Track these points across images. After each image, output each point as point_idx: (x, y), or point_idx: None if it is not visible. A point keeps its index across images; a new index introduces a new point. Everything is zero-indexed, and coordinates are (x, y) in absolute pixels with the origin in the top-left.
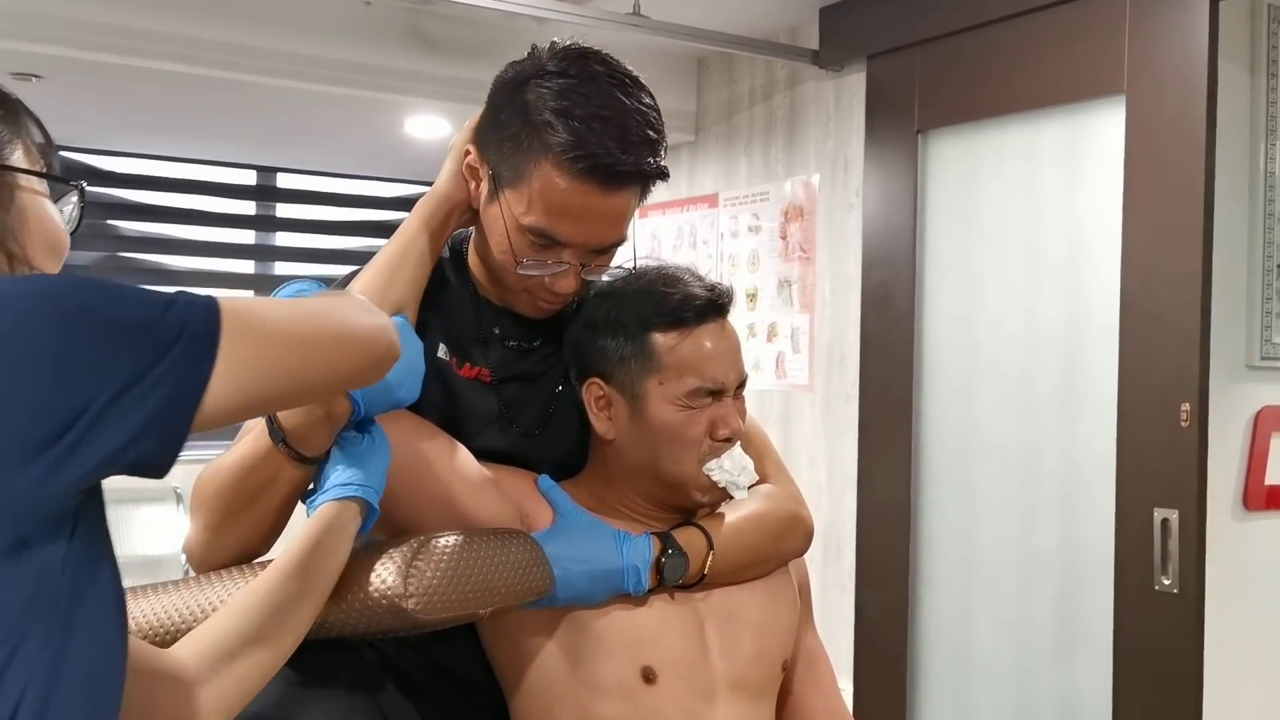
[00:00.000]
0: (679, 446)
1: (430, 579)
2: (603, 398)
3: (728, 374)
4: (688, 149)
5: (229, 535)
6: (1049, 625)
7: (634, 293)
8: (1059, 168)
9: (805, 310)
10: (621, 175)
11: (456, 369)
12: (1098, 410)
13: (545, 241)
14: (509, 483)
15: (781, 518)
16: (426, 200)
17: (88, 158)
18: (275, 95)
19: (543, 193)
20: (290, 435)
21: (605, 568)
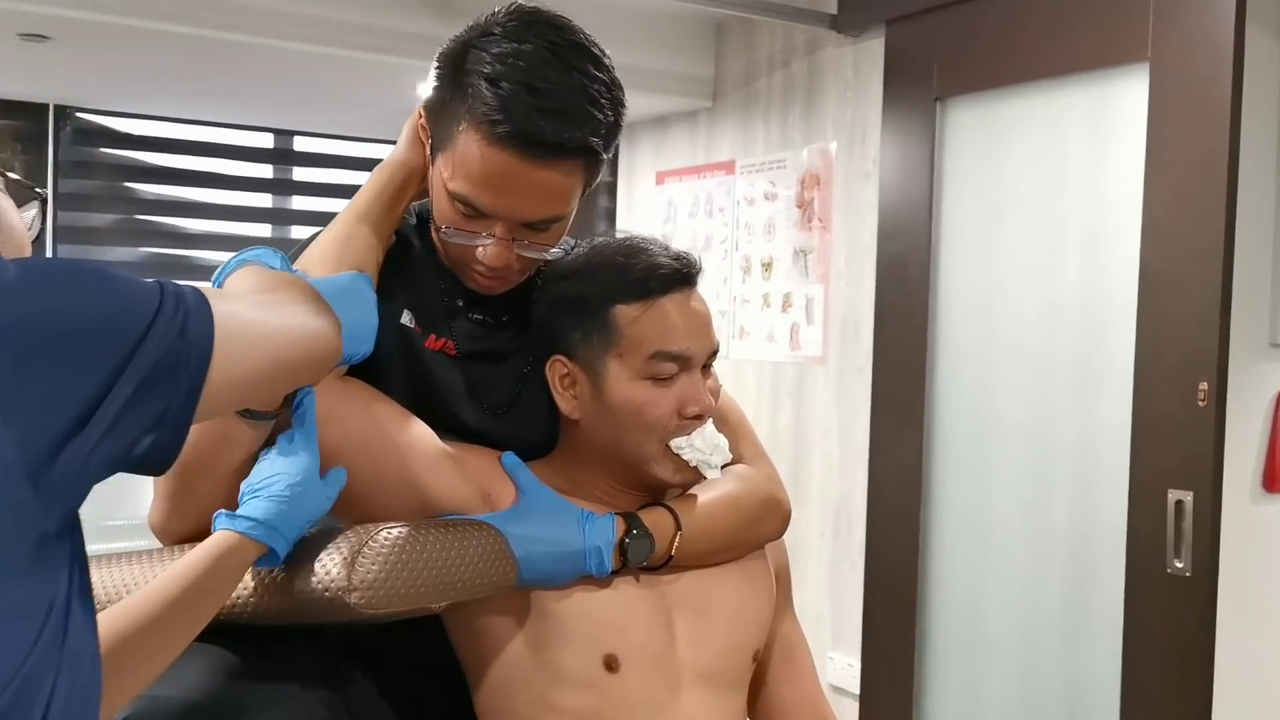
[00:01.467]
0: (644, 425)
1: (376, 572)
2: (566, 376)
3: (692, 344)
4: (705, 115)
5: (189, 503)
6: (1059, 605)
7: (596, 266)
8: (1080, 137)
9: (820, 281)
10: (542, 147)
11: (423, 339)
12: (1114, 387)
13: (470, 211)
14: (472, 461)
15: (757, 500)
16: (383, 165)
17: (104, 119)
18: (289, 58)
19: (464, 159)
20: None
21: (567, 549)
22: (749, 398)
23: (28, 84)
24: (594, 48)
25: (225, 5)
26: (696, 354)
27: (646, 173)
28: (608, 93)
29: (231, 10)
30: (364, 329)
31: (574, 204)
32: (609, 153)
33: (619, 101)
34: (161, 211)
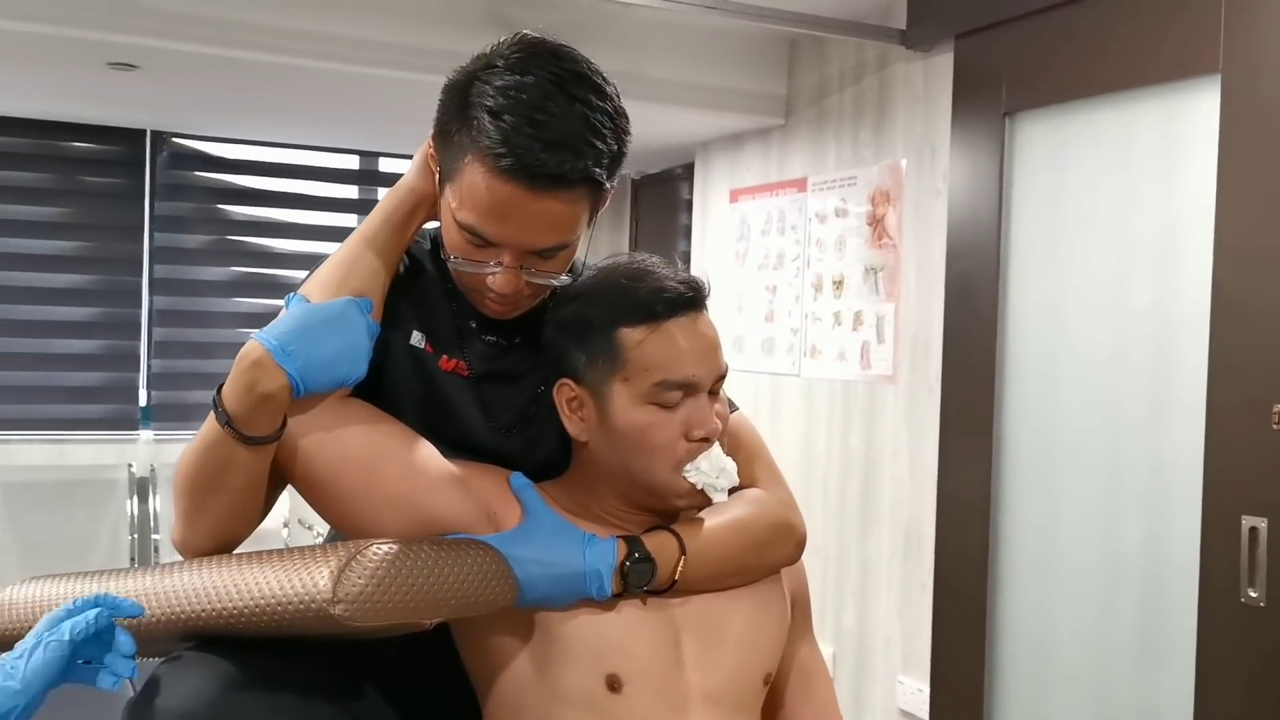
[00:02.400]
0: (650, 449)
1: (361, 585)
2: (574, 399)
3: (698, 369)
4: (778, 133)
5: (201, 521)
6: (1130, 632)
7: (602, 289)
8: (1151, 151)
9: (891, 299)
10: (544, 179)
11: (436, 359)
12: (1186, 409)
13: (478, 240)
14: (478, 480)
15: (768, 524)
16: (392, 192)
17: (197, 143)
18: (369, 83)
19: (470, 190)
20: (233, 418)
21: (567, 571)
22: (820, 416)
23: (124, 110)
24: (596, 77)
25: (307, 34)
26: (703, 379)
27: (721, 190)
28: (610, 122)
29: (313, 38)
30: (353, 352)
31: (580, 231)
32: (613, 180)
33: (622, 130)
34: (251, 232)
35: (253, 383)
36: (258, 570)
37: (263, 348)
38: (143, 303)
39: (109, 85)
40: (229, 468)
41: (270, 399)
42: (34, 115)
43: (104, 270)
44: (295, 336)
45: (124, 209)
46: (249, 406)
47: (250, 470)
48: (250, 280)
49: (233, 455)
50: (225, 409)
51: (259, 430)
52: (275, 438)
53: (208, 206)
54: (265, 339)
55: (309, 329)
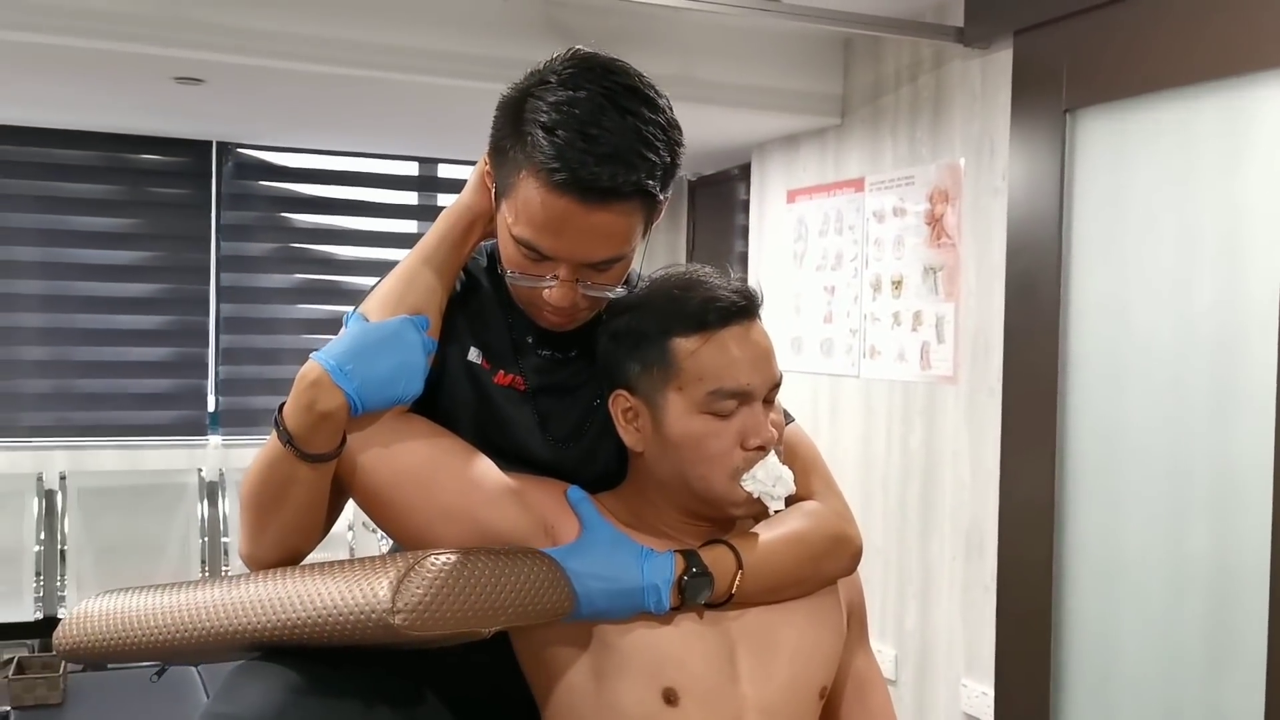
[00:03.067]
0: (705, 458)
1: (420, 595)
2: (630, 409)
3: (752, 378)
4: (834, 133)
5: (266, 535)
6: (1197, 636)
7: (654, 299)
8: (1216, 147)
9: (950, 299)
10: (597, 192)
11: (492, 375)
12: (1255, 410)
13: (534, 255)
14: (534, 493)
15: (824, 536)
16: (449, 210)
17: (261, 153)
18: (427, 91)
19: (525, 205)
20: (294, 436)
21: (625, 585)
22: (880, 418)
23: (190, 123)
24: (649, 90)
25: (366, 45)
26: (757, 388)
27: (778, 191)
28: (663, 135)
29: (372, 49)
30: (409, 370)
31: (635, 243)
32: (666, 192)
33: (675, 142)
34: (314, 239)
35: (312, 402)
36: (319, 582)
37: (321, 368)
38: (210, 310)
39: (176, 99)
40: (291, 484)
41: (329, 417)
42: (104, 129)
43: (173, 279)
44: (352, 356)
45: (191, 219)
46: (309, 425)
47: (311, 487)
48: (313, 287)
49: (294, 472)
50: (286, 428)
51: (319, 448)
52: (335, 455)
53: (272, 215)
54: (323, 359)
55: (365, 348)
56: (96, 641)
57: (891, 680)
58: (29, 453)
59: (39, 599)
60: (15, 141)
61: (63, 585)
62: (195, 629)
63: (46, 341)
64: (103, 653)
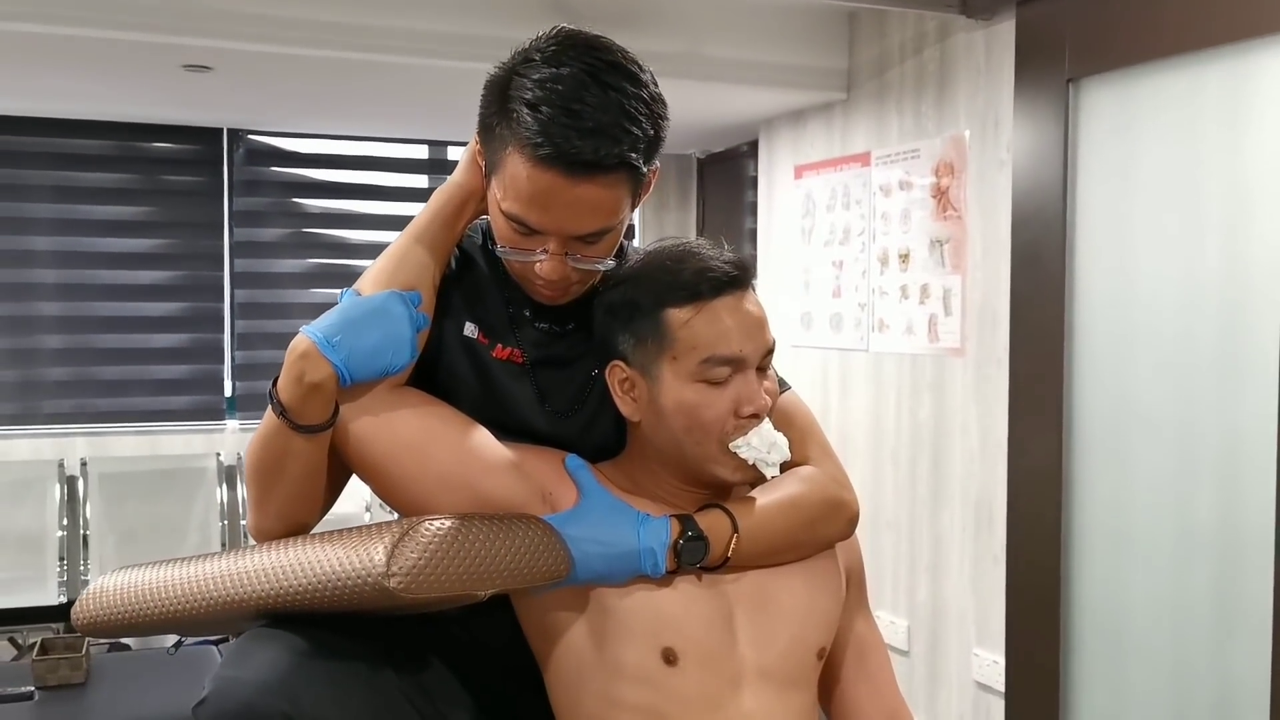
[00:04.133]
0: (699, 426)
1: (415, 558)
2: (626, 380)
3: (745, 345)
4: (840, 107)
5: (269, 506)
6: (1207, 604)
7: (648, 271)
8: (1223, 115)
9: (957, 271)
10: (582, 165)
11: (490, 350)
12: (1262, 378)
13: (523, 229)
14: (532, 462)
15: (819, 501)
16: (442, 189)
17: (272, 139)
18: (435, 75)
19: (513, 180)
20: (287, 408)
21: (622, 549)
22: (889, 391)
23: (200, 111)
24: (631, 66)
25: (374, 29)
26: (750, 355)
27: (785, 167)
28: (645, 109)
29: (380, 33)
30: (395, 342)
31: (623, 215)
32: (651, 164)
33: (659, 115)
34: (325, 224)
35: (301, 374)
36: (318, 549)
37: (309, 340)
38: (225, 296)
39: (185, 86)
40: (287, 456)
41: (318, 388)
42: (115, 118)
43: (187, 266)
44: (339, 328)
45: (204, 206)
46: (300, 397)
47: (307, 458)
48: (325, 271)
49: (289, 444)
50: (280, 401)
51: (311, 419)
52: (327, 426)
53: (283, 200)
54: (312, 332)
55: (352, 321)
56: (112, 615)
57: (904, 651)
58: (50, 439)
59: (62, 583)
60: (29, 132)
61: (85, 570)
62: (203, 599)
63: (65, 330)
64: (119, 626)
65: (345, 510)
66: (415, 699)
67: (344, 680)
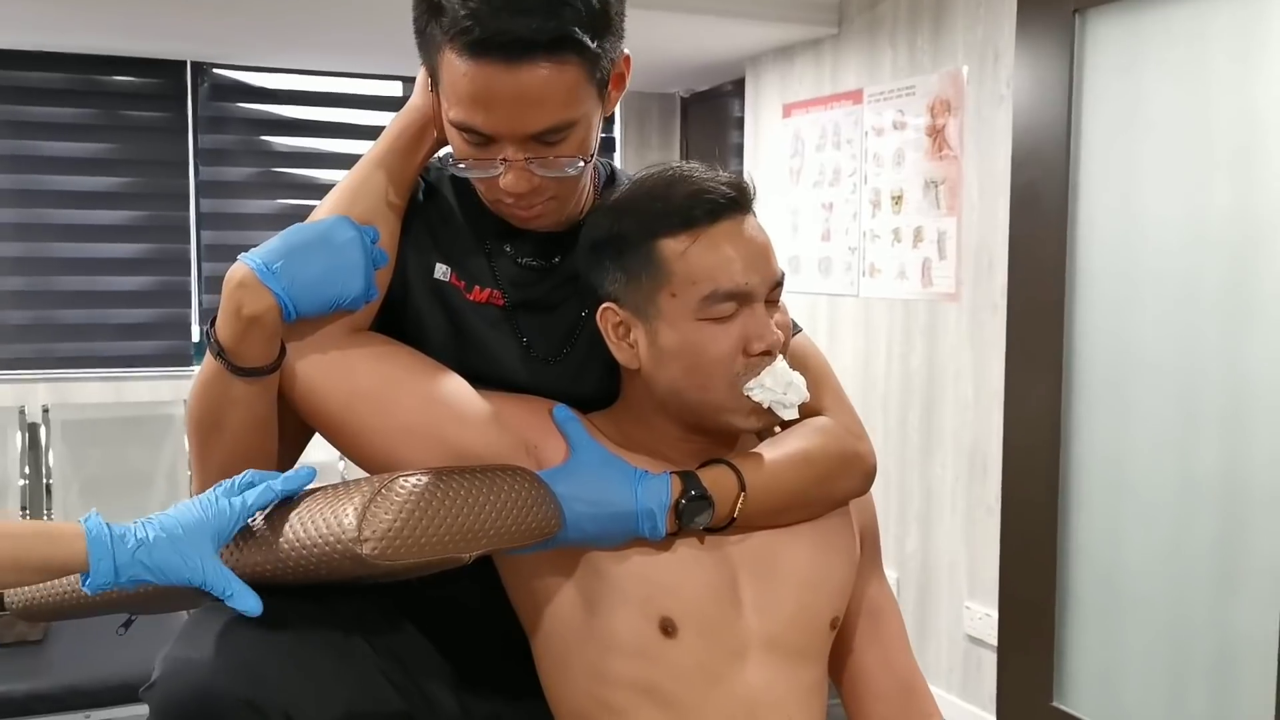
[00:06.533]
0: (705, 367)
1: (389, 521)
2: (620, 324)
3: (750, 276)
4: (830, 43)
5: (211, 464)
6: (1210, 557)
7: (637, 200)
8: (1233, 48)
9: (952, 213)
10: (519, 45)
11: (465, 293)
12: (1271, 321)
13: (477, 138)
14: (513, 411)
15: (833, 455)
16: (398, 115)
17: (239, 74)
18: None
19: (452, 83)
20: (225, 348)
21: (616, 510)
22: (880, 337)
23: (163, 42)
24: None
25: None
26: (756, 287)
27: (773, 105)
28: None
29: None
30: (345, 270)
31: (583, 108)
32: (601, 42)
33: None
34: (295, 164)
35: (239, 305)
36: (279, 514)
37: (246, 267)
38: (191, 238)
39: (146, 15)
40: (227, 404)
41: (258, 321)
42: (72, 49)
43: (151, 206)
44: (280, 253)
45: (167, 143)
46: (238, 332)
47: (249, 407)
48: (296, 212)
49: (229, 390)
50: (217, 340)
51: (252, 359)
52: (272, 369)
53: (251, 138)
54: (249, 259)
55: (295, 247)
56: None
57: None
58: (10, 386)
59: None
60: None
61: (49, 519)
62: None
63: (24, 272)
64: (57, 609)
65: (317, 458)
66: (390, 671)
67: (311, 655)
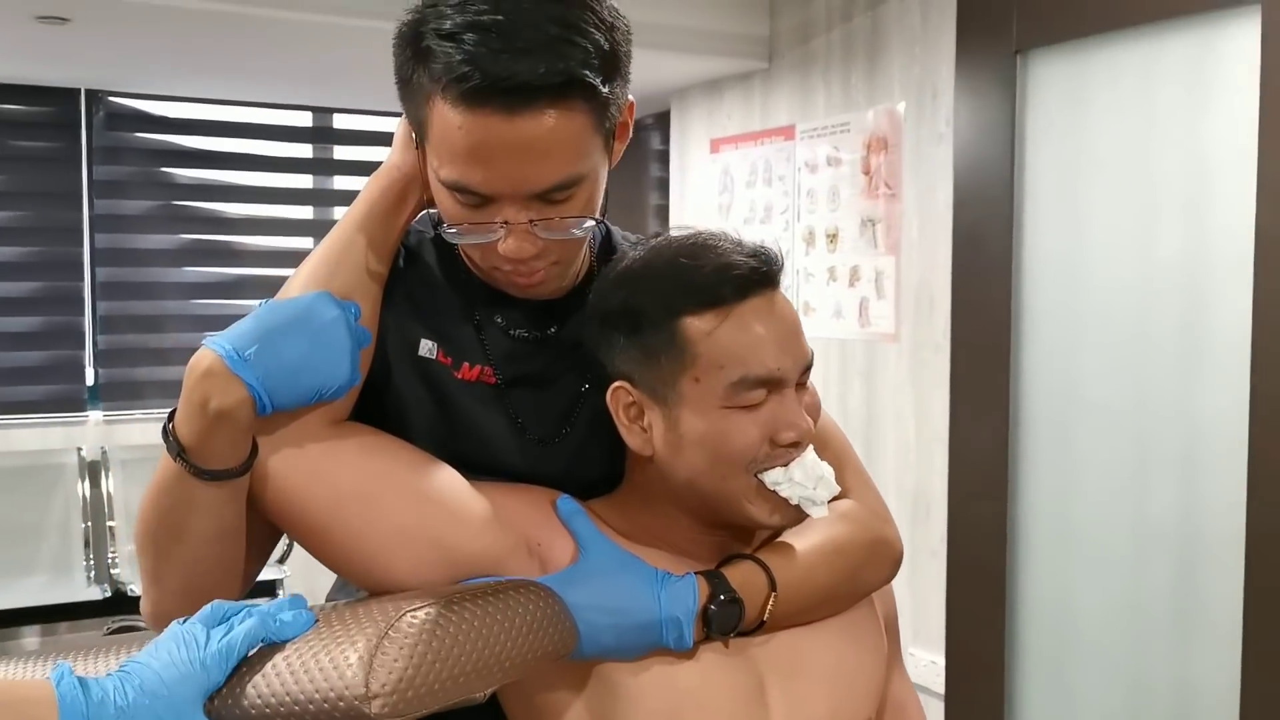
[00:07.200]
0: (728, 459)
1: (400, 670)
2: (632, 405)
3: (782, 360)
4: (760, 77)
5: (169, 579)
6: (1165, 603)
7: (656, 270)
8: (1181, 90)
9: (890, 252)
10: (520, 93)
11: (454, 370)
12: (1225, 363)
13: (471, 199)
14: (512, 505)
15: (863, 544)
16: (376, 175)
17: (137, 102)
18: (321, 31)
19: (444, 137)
20: (187, 448)
21: (638, 620)
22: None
23: (56, 68)
24: None
25: None
26: (789, 371)
27: (700, 141)
28: (593, 18)
29: None
30: (328, 354)
31: (591, 161)
32: (611, 86)
33: (614, 27)
34: (199, 196)
35: (205, 399)
36: (266, 657)
37: (214, 354)
38: (85, 275)
39: (38, 41)
40: (188, 511)
41: (227, 417)
42: None
43: (40, 241)
44: (253, 337)
45: (59, 174)
46: (204, 429)
47: (216, 515)
48: (200, 248)
49: (191, 495)
50: (176, 438)
51: (219, 461)
52: (241, 471)
53: (150, 170)
54: (217, 344)
55: (269, 330)
56: None
57: None
58: None
59: None
60: None
61: None
62: None
63: None
64: None
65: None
66: None
67: None
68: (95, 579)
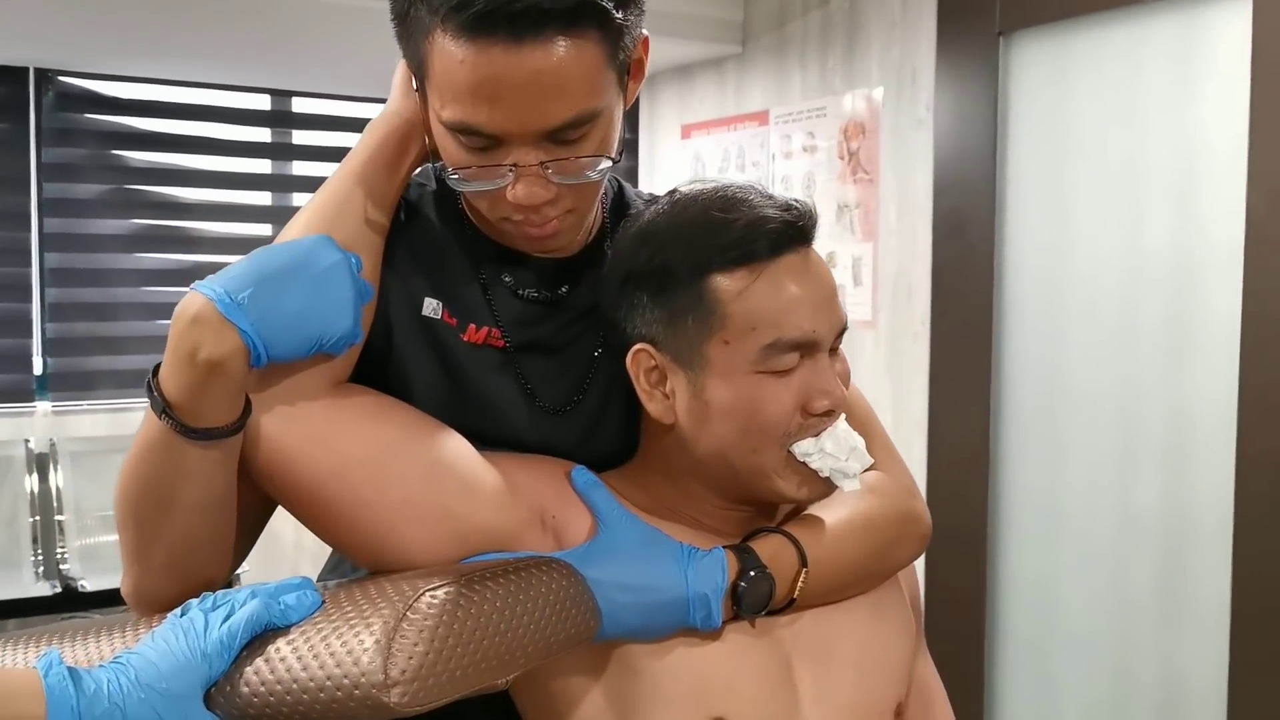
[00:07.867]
0: (760, 428)
1: (420, 654)
2: (654, 369)
3: (818, 322)
4: (734, 62)
5: (153, 555)
6: (1151, 593)
7: (683, 226)
8: (1168, 73)
9: (867, 239)
10: (528, 18)
11: (459, 332)
12: (1213, 353)
13: (478, 141)
14: (525, 475)
15: (892, 519)
16: (376, 122)
17: (89, 83)
18: (281, 9)
19: (446, 74)
20: (174, 404)
21: (663, 598)
22: None
23: (3, 46)
24: None
25: None
26: (824, 335)
27: (671, 126)
28: None
29: None
30: (331, 301)
31: (605, 96)
32: (625, 12)
33: None
34: (153, 180)
35: (194, 348)
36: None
37: (204, 299)
38: (33, 261)
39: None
40: (176, 477)
41: (219, 368)
42: None
43: None
44: (247, 281)
45: (6, 157)
46: (193, 383)
47: (206, 481)
48: (153, 234)
49: (179, 459)
50: (162, 393)
51: (209, 418)
52: (234, 430)
53: (102, 153)
54: (208, 288)
55: (266, 273)
56: None
57: None
58: None
59: None
60: None
61: None
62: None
63: None
64: None
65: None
66: None
67: None
68: (44, 575)
